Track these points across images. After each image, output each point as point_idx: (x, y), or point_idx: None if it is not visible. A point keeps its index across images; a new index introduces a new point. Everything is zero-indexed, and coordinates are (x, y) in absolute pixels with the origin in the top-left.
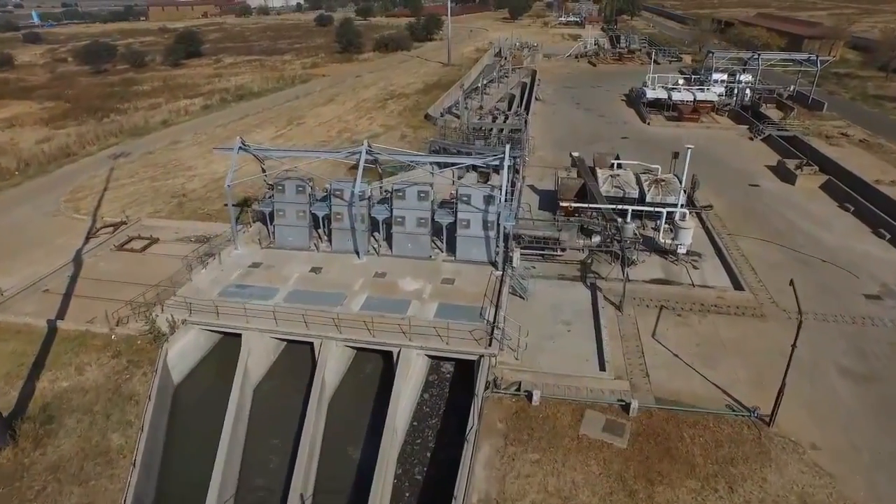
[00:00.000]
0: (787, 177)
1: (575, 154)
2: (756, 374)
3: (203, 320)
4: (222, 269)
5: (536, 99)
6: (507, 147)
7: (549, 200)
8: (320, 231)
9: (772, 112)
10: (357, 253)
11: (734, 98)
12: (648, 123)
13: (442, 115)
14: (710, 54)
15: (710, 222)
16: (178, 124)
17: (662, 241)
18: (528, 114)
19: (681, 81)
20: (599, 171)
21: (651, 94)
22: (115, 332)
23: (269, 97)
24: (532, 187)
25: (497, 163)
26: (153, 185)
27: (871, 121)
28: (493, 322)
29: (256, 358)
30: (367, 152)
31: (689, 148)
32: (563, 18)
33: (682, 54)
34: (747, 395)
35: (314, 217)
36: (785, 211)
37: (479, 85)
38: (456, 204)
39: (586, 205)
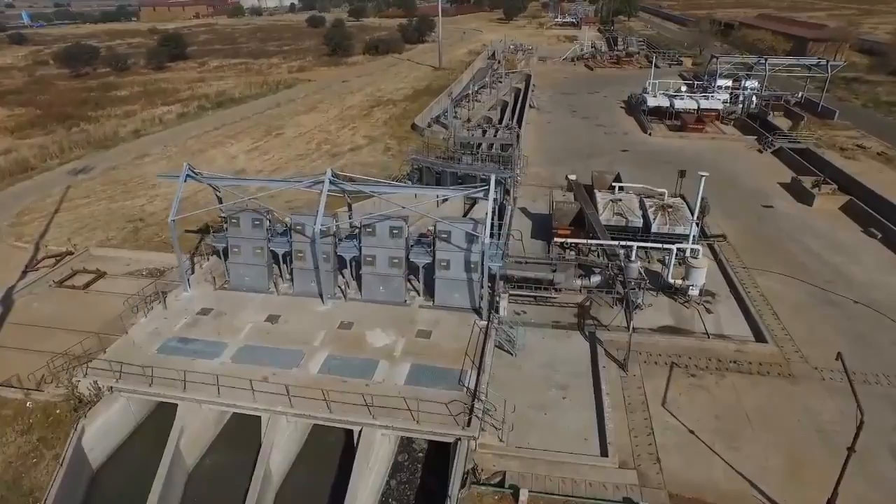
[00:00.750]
0: (803, 196)
1: (571, 177)
2: (790, 458)
3: (132, 387)
4: (166, 315)
5: (531, 106)
6: (492, 178)
7: (542, 226)
8: (283, 268)
9: (780, 121)
10: (321, 297)
11: (740, 106)
12: (650, 134)
13: (429, 126)
14: (714, 59)
15: (724, 254)
16: (150, 134)
17: (672, 280)
18: (520, 126)
19: (683, 88)
20: (599, 195)
21: (652, 101)
22: (32, 399)
23: (250, 104)
24: (524, 211)
25: (484, 189)
26: (110, 206)
27: (887, 130)
28: (475, 390)
29: (194, 433)
30: (330, 181)
31: (702, 176)
32: (558, 19)
33: (681, 57)
34: (781, 489)
35: (273, 255)
36: (805, 238)
37: (470, 92)
38: (434, 241)
39: (585, 241)
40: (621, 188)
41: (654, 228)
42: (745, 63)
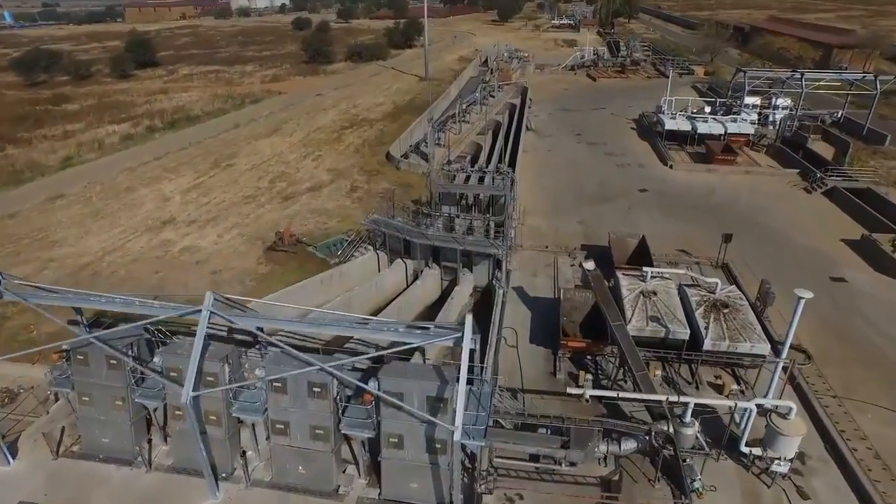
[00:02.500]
0: (883, 264)
1: (588, 266)
2: None
3: None
4: None
5: (527, 129)
6: (468, 321)
7: (546, 318)
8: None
9: (818, 145)
10: (213, 477)
11: (776, 129)
12: (671, 167)
13: (405, 156)
14: (742, 73)
15: (804, 378)
16: (82, 164)
17: (746, 447)
18: (515, 158)
19: (707, 110)
20: (624, 284)
21: (671, 124)
22: None
23: (208, 124)
24: (520, 292)
25: (455, 336)
26: None
27: None
28: None
29: None
30: (212, 312)
31: (801, 298)
32: (555, 21)
33: (691, 65)
34: None
35: (143, 408)
36: None
37: (457, 111)
38: (377, 405)
39: (614, 394)
40: (656, 273)
41: (707, 344)
42: (775, 77)
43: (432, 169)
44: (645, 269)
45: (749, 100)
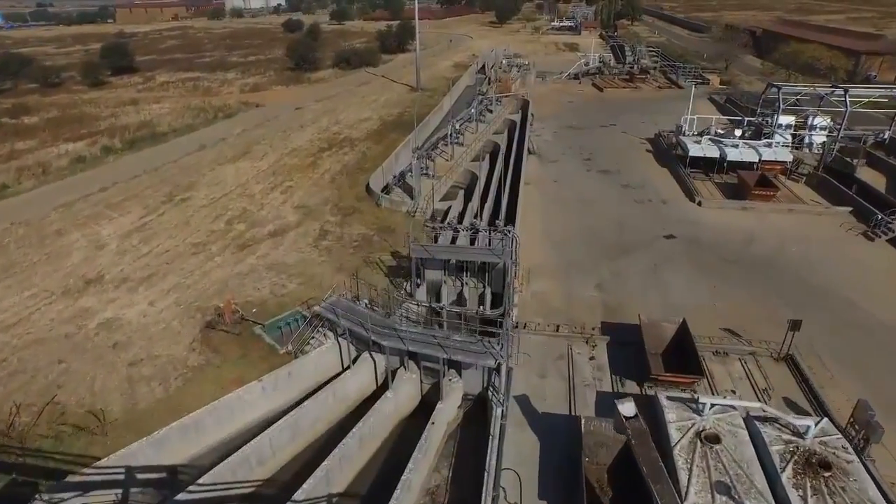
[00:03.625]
0: None
1: (626, 411)
2: None
3: None
4: None
5: (529, 152)
6: None
7: (560, 454)
8: None
9: (866, 173)
10: None
11: (815, 153)
12: (699, 203)
13: (387, 190)
14: (774, 88)
15: None
16: (16, 195)
17: None
18: (516, 202)
19: (737, 133)
20: (672, 418)
21: (695, 149)
22: None
23: (171, 143)
24: (524, 405)
25: None
26: None
27: None
28: None
29: None
30: None
31: None
32: (555, 23)
33: (703, 72)
34: None
35: None
36: None
37: (449, 131)
38: None
39: None
40: (716, 402)
41: None
42: (812, 92)
43: (417, 205)
44: (701, 399)
45: (783, 119)
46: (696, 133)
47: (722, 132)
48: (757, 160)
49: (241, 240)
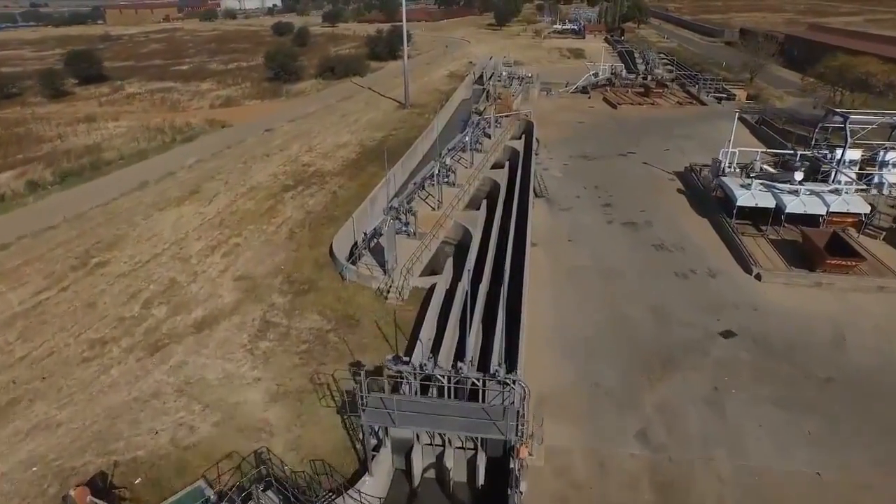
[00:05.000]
0: None
1: None
2: None
3: None
4: None
5: (536, 195)
6: None
7: None
8: None
9: None
10: None
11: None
12: (758, 277)
13: (353, 258)
14: (839, 117)
15: None
16: None
17: None
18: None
19: (798, 177)
20: None
21: (745, 197)
22: None
23: (112, 176)
24: None
25: None
26: None
27: None
28: None
29: None
30: None
31: None
32: (558, 27)
33: (727, 84)
34: None
35: None
36: None
37: (436, 169)
38: None
39: None
40: None
41: None
42: (886, 122)
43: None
44: None
45: (850, 154)
46: (738, 169)
47: (771, 170)
48: (824, 212)
49: (155, 335)
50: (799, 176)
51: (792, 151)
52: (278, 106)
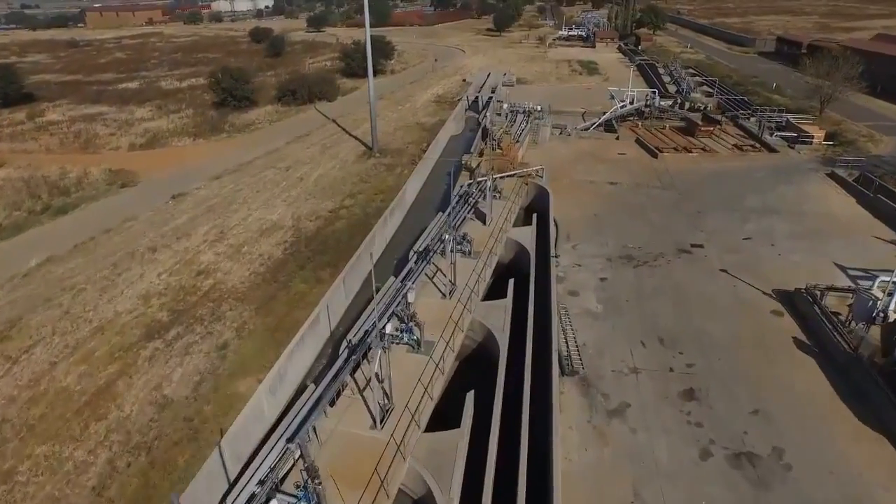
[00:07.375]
0: None
1: None
2: None
3: None
4: None
5: (562, 372)
6: None
7: None
8: None
9: None
10: None
11: None
12: None
13: None
14: None
15: None
16: None
17: None
18: None
19: None
20: None
21: None
22: None
23: None
24: None
25: None
26: None
27: None
28: None
29: None
30: None
31: None
32: (563, 33)
33: (791, 117)
34: None
35: None
36: None
37: (400, 297)
38: None
39: None
40: None
41: None
42: None
43: None
44: None
45: None
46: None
47: None
48: None
49: None
50: None
51: None
52: (212, 148)
